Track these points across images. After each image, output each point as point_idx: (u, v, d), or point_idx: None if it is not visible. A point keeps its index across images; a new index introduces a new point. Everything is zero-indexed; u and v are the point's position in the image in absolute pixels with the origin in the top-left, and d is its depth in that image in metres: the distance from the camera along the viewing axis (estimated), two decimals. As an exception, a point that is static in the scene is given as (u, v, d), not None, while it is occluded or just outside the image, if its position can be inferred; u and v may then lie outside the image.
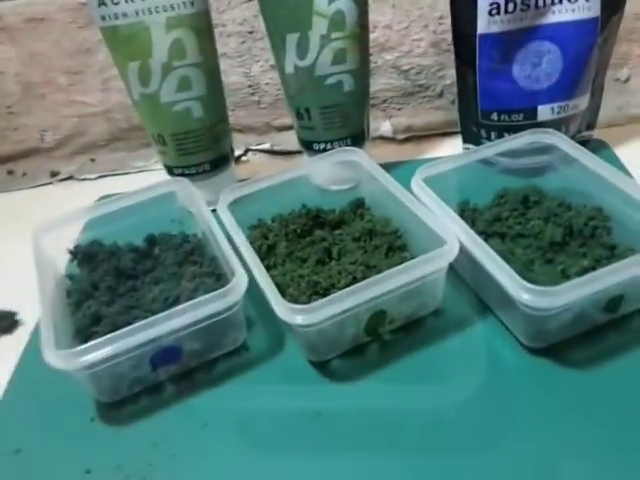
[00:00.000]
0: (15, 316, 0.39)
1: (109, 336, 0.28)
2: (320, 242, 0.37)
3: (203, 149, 0.43)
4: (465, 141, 0.47)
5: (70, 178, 0.55)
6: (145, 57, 0.39)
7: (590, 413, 0.28)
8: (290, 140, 0.53)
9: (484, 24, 0.40)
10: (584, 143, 0.46)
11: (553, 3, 0.40)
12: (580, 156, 0.37)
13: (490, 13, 0.40)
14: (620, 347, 0.31)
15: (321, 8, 0.39)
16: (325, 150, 0.44)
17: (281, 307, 0.29)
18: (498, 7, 0.40)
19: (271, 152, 0.55)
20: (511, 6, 0.39)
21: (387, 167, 0.46)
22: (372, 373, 0.31)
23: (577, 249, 0.34)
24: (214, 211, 0.37)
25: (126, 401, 0.32)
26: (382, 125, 0.54)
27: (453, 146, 0.50)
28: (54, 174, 0.55)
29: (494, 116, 0.43)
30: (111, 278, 0.36)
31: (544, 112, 0.42)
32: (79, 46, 0.52)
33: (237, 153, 0.54)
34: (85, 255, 0.37)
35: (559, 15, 0.40)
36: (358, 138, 0.45)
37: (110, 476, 0.28)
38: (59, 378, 0.29)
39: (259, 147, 0.55)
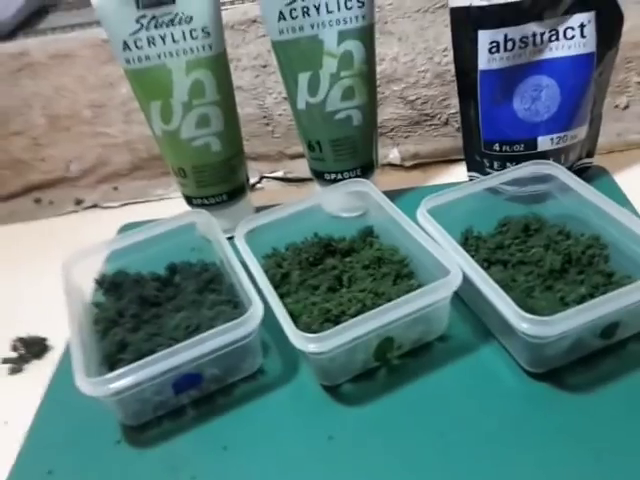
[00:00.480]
0: (45, 341, 0.42)
1: (135, 365, 0.31)
2: (331, 270, 0.39)
3: (221, 181, 0.45)
4: (469, 169, 0.49)
5: (94, 206, 0.58)
6: (166, 97, 0.41)
7: (587, 437, 0.30)
8: (302, 168, 0.55)
9: (484, 61, 0.42)
10: (584, 170, 0.48)
11: (550, 40, 0.42)
12: (576, 186, 0.39)
13: (490, 51, 0.42)
14: (616, 372, 0.32)
15: (331, 49, 0.41)
16: (336, 180, 0.46)
17: (295, 336, 0.31)
18: (498, 45, 0.42)
19: (284, 179, 0.57)
20: (510, 44, 0.42)
21: (395, 194, 0.49)
22: (381, 396, 0.33)
23: (575, 276, 0.36)
24: (232, 238, 0.39)
25: (150, 424, 0.34)
26: (390, 152, 0.56)
27: (458, 173, 0.52)
28: (79, 202, 0.58)
29: (496, 147, 0.45)
30: (136, 306, 0.38)
31: (544, 143, 0.44)
32: (102, 81, 0.54)
33: (252, 181, 0.56)
34: (111, 284, 0.40)
35: (556, 51, 0.42)
36: (367, 168, 0.47)
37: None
38: (87, 402, 0.31)
39: (273, 175, 0.57)
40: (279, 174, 0.57)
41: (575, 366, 0.33)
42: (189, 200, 0.47)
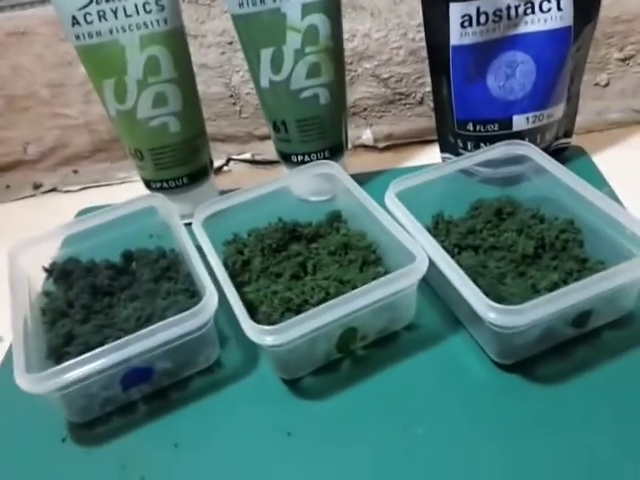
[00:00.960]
0: (-5, 334, 0.40)
1: (78, 359, 0.29)
2: (295, 257, 0.37)
3: (181, 163, 0.43)
4: (442, 150, 0.47)
5: (53, 190, 0.56)
6: (120, 74, 0.39)
7: (557, 428, 0.28)
8: (271, 149, 0.53)
9: (456, 36, 0.40)
10: (562, 150, 0.46)
11: (526, 14, 0.40)
12: (551, 167, 0.37)
13: (462, 25, 0.40)
14: (589, 361, 0.31)
15: (294, 23, 0.39)
16: (303, 162, 0.44)
17: (250, 328, 0.29)
18: (470, 19, 0.40)
19: (253, 162, 0.55)
20: (483, 18, 0.40)
21: (367, 176, 0.47)
22: (345, 389, 0.32)
23: (549, 262, 0.34)
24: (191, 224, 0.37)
25: (98, 421, 0.32)
26: (363, 133, 0.54)
27: (433, 154, 0.50)
28: (37, 186, 0.55)
29: (470, 126, 0.43)
30: (87, 295, 0.36)
31: (519, 122, 0.42)
32: (61, 59, 0.52)
33: (219, 163, 0.54)
34: (61, 272, 0.37)
35: (531, 25, 0.40)
36: (336, 150, 0.45)
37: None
38: (31, 398, 0.29)
39: (241, 157, 0.55)
40: (247, 156, 0.55)
41: (547, 356, 0.31)
42: (147, 184, 0.45)
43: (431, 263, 0.32)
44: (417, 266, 0.31)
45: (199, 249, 0.35)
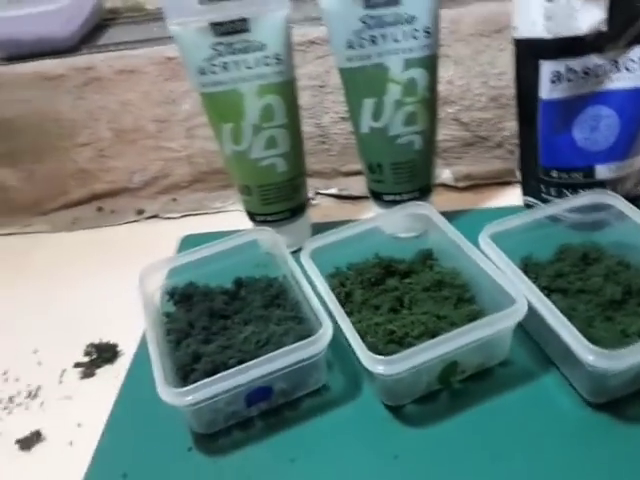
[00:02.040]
0: (116, 347, 0.44)
1: (212, 378, 0.32)
2: (392, 291, 0.40)
3: (284, 199, 0.47)
4: (525, 194, 0.50)
5: (155, 216, 0.60)
6: (238, 119, 0.43)
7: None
8: (356, 185, 0.57)
9: (546, 91, 0.43)
10: (638, 198, 0.49)
11: (611, 72, 0.43)
12: (634, 215, 0.40)
13: (552, 81, 0.43)
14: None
15: (395, 76, 0.43)
16: (394, 201, 0.47)
17: (365, 357, 0.33)
18: (559, 76, 0.42)
19: (338, 196, 0.58)
20: (572, 75, 0.42)
21: (451, 215, 0.49)
22: (444, 419, 0.34)
23: (636, 308, 0.37)
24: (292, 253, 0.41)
25: (221, 433, 0.35)
26: (443, 173, 0.57)
27: (512, 195, 0.53)
28: (140, 212, 0.60)
29: (554, 173, 0.46)
30: (206, 318, 0.40)
31: (602, 171, 0.45)
32: (166, 97, 0.57)
33: (307, 197, 0.58)
34: (182, 296, 0.41)
35: (617, 82, 0.43)
36: (425, 190, 0.48)
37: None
38: (157, 408, 0.33)
39: (327, 191, 0.58)
40: (333, 191, 0.58)
41: (635, 397, 0.34)
42: (252, 217, 0.49)
43: (527, 305, 0.34)
44: (517, 308, 0.34)
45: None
